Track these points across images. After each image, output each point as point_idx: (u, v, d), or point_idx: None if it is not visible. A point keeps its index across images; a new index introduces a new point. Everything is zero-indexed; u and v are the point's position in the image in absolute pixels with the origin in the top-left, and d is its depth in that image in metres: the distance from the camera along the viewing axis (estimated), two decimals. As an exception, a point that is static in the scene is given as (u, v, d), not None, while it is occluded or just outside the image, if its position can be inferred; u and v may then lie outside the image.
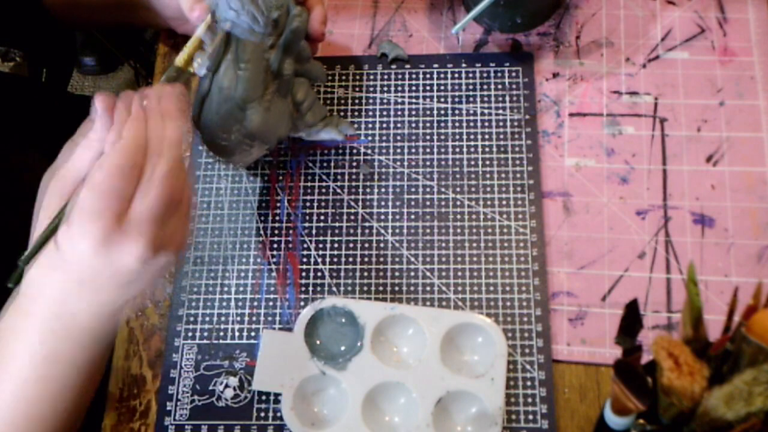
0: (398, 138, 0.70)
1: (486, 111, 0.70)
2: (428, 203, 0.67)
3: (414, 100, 0.72)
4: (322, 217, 0.68)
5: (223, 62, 0.59)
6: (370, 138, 0.70)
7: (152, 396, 0.63)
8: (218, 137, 0.60)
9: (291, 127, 0.65)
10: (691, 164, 0.67)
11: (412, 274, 0.65)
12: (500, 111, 0.70)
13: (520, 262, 0.64)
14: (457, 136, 0.70)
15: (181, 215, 0.49)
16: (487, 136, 0.69)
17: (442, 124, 0.70)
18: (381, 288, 0.65)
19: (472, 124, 0.70)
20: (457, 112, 0.71)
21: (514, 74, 0.71)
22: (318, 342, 0.63)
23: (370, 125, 0.71)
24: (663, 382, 0.40)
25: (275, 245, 0.67)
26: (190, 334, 0.65)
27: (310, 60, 0.64)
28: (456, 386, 0.60)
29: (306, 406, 0.61)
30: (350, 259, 0.66)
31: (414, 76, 0.72)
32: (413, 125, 0.70)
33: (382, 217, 0.67)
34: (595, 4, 0.74)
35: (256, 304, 0.65)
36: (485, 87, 0.71)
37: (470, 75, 0.72)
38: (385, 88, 0.72)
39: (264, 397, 0.62)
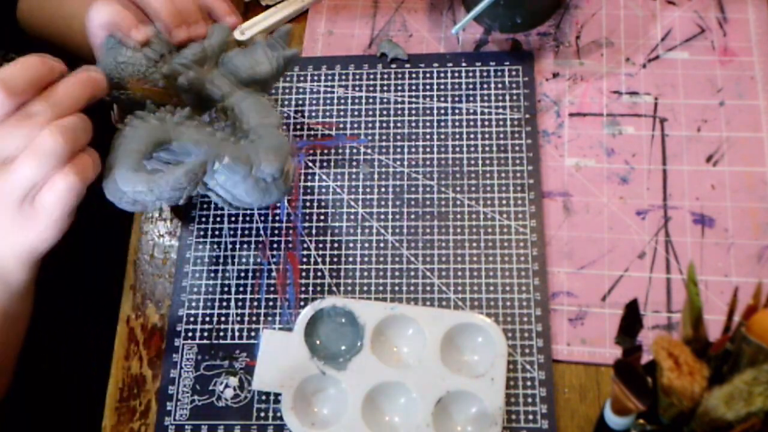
0: (398, 138, 0.70)
1: (486, 111, 0.70)
2: (428, 203, 0.67)
3: (414, 100, 0.72)
4: (322, 217, 0.68)
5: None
6: (370, 138, 0.70)
7: (152, 396, 0.63)
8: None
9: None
10: (691, 164, 0.67)
11: (412, 274, 0.65)
12: (500, 111, 0.70)
13: (520, 262, 0.64)
14: (457, 136, 0.70)
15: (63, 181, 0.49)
16: (487, 136, 0.69)
17: (442, 124, 0.70)
18: (381, 288, 0.65)
19: (472, 123, 0.70)
20: (457, 111, 0.71)
21: (514, 74, 0.71)
22: (318, 342, 0.63)
23: (370, 125, 0.71)
24: (663, 382, 0.40)
25: (275, 245, 0.67)
26: (190, 334, 0.65)
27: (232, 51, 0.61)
28: (456, 386, 0.60)
29: (306, 406, 0.61)
30: (350, 259, 0.66)
31: (414, 75, 0.72)
32: (413, 125, 0.70)
33: (382, 217, 0.67)
34: (595, 4, 0.74)
35: (256, 304, 0.65)
36: (485, 86, 0.71)
37: (470, 74, 0.72)
38: (385, 88, 0.72)
39: (264, 397, 0.62)
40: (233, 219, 0.68)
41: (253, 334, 0.64)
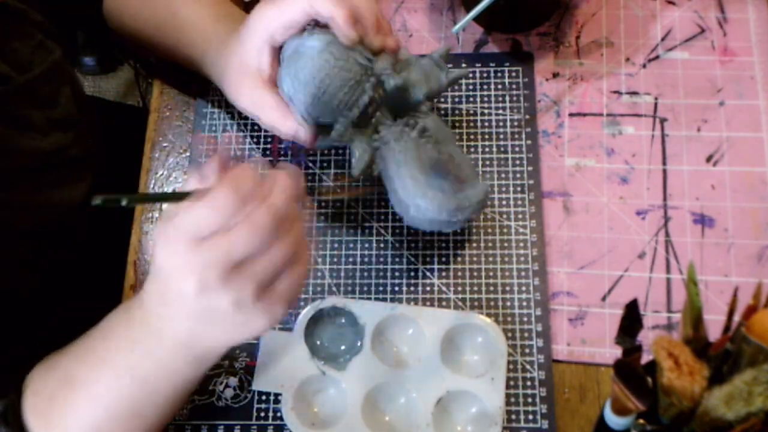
0: (398, 138, 0.70)
1: (486, 111, 0.70)
2: (428, 203, 0.67)
3: (414, 100, 0.71)
4: (322, 217, 0.68)
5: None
6: (370, 138, 0.70)
7: (152, 396, 0.63)
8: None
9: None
10: (691, 164, 0.67)
11: (412, 274, 0.65)
12: (500, 111, 0.70)
13: (520, 262, 0.64)
14: (458, 137, 0.70)
15: (295, 272, 0.48)
16: (487, 136, 0.69)
17: (442, 124, 0.70)
18: (381, 288, 0.65)
19: (472, 124, 0.70)
20: (457, 112, 0.71)
21: (514, 74, 0.71)
22: (318, 342, 0.63)
23: (370, 125, 0.71)
24: (663, 382, 0.40)
25: (275, 245, 0.67)
26: (190, 334, 0.64)
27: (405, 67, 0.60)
28: (456, 386, 0.60)
29: (306, 406, 0.61)
30: (350, 259, 0.66)
31: (414, 76, 0.72)
32: (413, 125, 0.70)
33: (382, 217, 0.67)
34: (595, 4, 0.74)
35: (256, 304, 0.65)
36: (485, 87, 0.71)
37: (470, 75, 0.72)
38: (385, 88, 0.72)
39: (264, 397, 0.62)
40: (233, 219, 0.68)
41: (253, 334, 0.64)
